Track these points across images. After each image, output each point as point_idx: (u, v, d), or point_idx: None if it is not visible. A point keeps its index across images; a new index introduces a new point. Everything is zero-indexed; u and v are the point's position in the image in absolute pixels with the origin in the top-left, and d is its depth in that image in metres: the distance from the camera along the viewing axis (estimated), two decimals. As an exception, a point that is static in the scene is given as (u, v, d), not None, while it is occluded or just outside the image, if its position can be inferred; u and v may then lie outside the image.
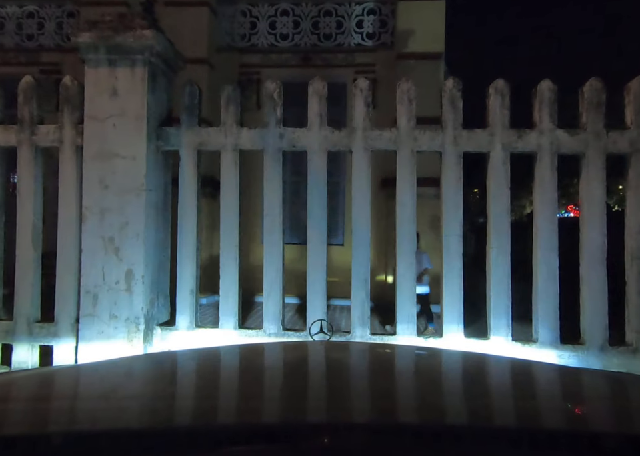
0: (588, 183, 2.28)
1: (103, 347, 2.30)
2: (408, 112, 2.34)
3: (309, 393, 0.89)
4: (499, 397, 0.92)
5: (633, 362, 2.24)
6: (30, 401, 0.85)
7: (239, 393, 0.91)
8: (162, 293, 2.51)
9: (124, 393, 0.91)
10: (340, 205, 6.55)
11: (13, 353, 2.47)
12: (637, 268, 2.25)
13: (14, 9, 6.85)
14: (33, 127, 2.46)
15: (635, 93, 2.26)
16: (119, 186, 2.31)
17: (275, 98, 2.40)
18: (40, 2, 6.82)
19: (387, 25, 6.63)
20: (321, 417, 0.75)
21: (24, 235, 2.46)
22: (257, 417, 0.76)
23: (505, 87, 2.31)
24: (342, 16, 6.69)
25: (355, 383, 0.97)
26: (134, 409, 0.80)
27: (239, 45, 6.76)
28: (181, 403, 0.84)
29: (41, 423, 0.73)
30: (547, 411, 0.82)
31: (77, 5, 6.64)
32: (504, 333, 2.28)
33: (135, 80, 2.32)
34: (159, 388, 0.93)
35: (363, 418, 0.77)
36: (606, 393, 0.99)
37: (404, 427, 0.71)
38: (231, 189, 2.39)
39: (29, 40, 6.89)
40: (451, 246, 2.30)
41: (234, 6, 6.76)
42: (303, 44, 6.71)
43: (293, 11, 6.73)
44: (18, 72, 6.64)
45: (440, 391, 0.94)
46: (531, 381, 1.06)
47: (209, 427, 0.70)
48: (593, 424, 0.78)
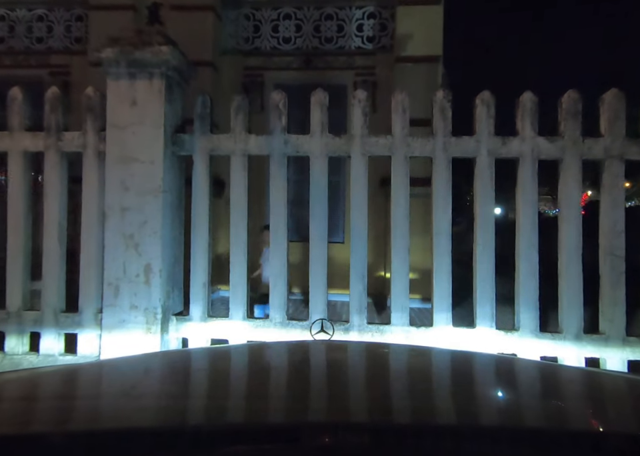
0: (565, 185, 2.52)
1: (124, 334, 2.55)
2: (402, 120, 2.58)
3: (309, 393, 0.90)
4: (499, 396, 0.93)
5: (605, 349, 2.48)
6: (24, 400, 0.87)
7: (238, 393, 0.92)
8: (177, 286, 2.75)
9: (123, 392, 0.91)
10: (340, 205, 6.79)
11: (40, 340, 2.72)
12: (610, 263, 2.49)
13: (24, 13, 7.09)
14: (58, 133, 2.71)
15: (609, 103, 2.50)
16: (138, 187, 2.56)
17: (280, 108, 2.64)
18: (49, 6, 7.05)
19: (387, 29, 6.85)
20: (321, 417, 0.75)
21: (50, 233, 2.71)
22: (258, 416, 0.77)
23: (490, 98, 2.55)
24: (343, 20, 6.91)
25: (355, 382, 0.98)
26: (135, 408, 0.81)
27: (242, 48, 6.99)
28: (181, 402, 0.84)
29: (40, 422, 0.74)
30: (546, 411, 0.82)
31: (86, 8, 6.88)
32: (489, 322, 2.52)
33: (152, 91, 2.57)
34: (159, 387, 0.94)
35: (364, 417, 0.77)
36: (606, 393, 0.99)
37: (404, 426, 0.72)
38: (240, 191, 2.64)
39: (38, 43, 7.12)
40: (441, 243, 2.55)
41: (238, 10, 6.99)
42: (305, 47, 6.93)
43: (295, 15, 6.96)
44: (29, 74, 6.93)
45: (440, 390, 0.96)
46: (531, 381, 1.07)
47: (209, 426, 0.70)
48: (593, 424, 0.78)
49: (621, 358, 2.47)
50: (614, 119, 2.48)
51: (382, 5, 6.83)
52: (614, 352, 2.47)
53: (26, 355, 2.72)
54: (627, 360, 2.48)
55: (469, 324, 2.62)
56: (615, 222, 2.48)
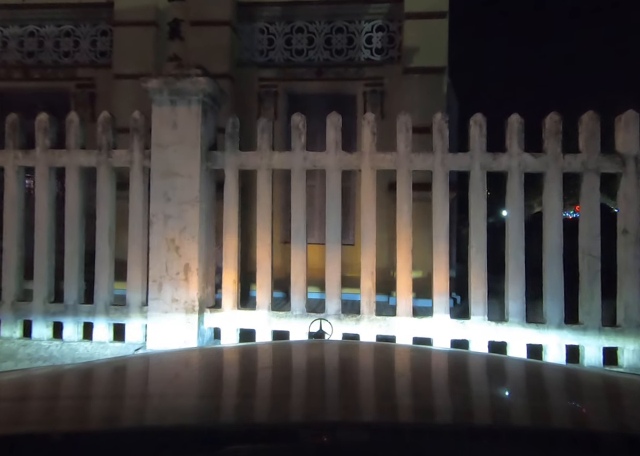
0: (548, 195, 2.92)
1: (166, 324, 3.00)
2: (405, 139, 3.00)
3: (309, 392, 0.92)
4: (499, 396, 0.95)
5: (583, 337, 2.88)
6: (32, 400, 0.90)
7: (238, 392, 0.93)
8: (210, 282, 3.19)
9: (122, 392, 0.93)
10: (351, 210, 7.20)
11: (93, 329, 3.18)
12: (587, 262, 2.89)
13: (52, 29, 7.60)
14: (109, 151, 3.16)
15: (586, 124, 2.90)
16: (179, 198, 3.01)
17: (299, 128, 3.07)
18: (76, 22, 7.56)
19: (395, 41, 7.26)
20: (321, 417, 0.76)
21: (102, 236, 3.17)
22: (257, 416, 0.79)
23: (482, 119, 2.96)
24: (352, 33, 7.33)
25: (355, 381, 1.00)
26: (136, 408, 0.82)
27: (257, 60, 7.44)
28: (181, 402, 0.86)
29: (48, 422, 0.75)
30: (547, 411, 0.84)
31: (110, 24, 7.37)
32: (481, 314, 2.93)
33: (191, 115, 3.01)
34: (160, 387, 0.97)
35: (364, 417, 0.78)
36: (605, 393, 1.01)
37: (404, 426, 0.72)
38: (265, 200, 3.08)
39: (65, 57, 7.63)
40: (440, 245, 2.96)
41: (253, 24, 7.44)
42: (317, 59, 7.36)
43: (307, 28, 7.39)
44: (57, 86, 7.45)
45: (440, 390, 0.97)
46: (531, 381, 1.09)
47: (209, 426, 0.71)
48: (592, 424, 0.79)
49: (597, 345, 2.86)
50: (590, 137, 2.88)
51: (390, 18, 7.24)
52: (591, 340, 2.86)
53: (81, 342, 3.18)
54: (602, 347, 2.87)
55: (465, 316, 3.03)
56: (591, 227, 2.88)
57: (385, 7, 7.18)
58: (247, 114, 6.95)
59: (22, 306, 3.21)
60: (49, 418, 0.77)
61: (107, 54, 7.49)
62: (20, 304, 3.21)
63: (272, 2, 7.29)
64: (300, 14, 7.31)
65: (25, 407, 0.84)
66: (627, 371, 2.80)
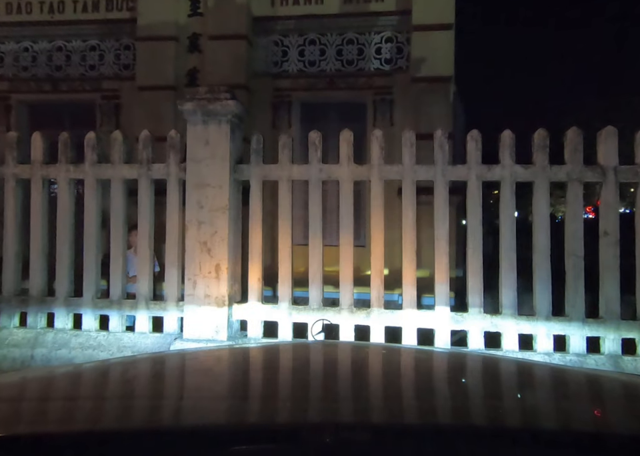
0: (537, 202, 3.34)
1: (200, 316, 3.47)
2: (410, 152, 3.44)
3: (309, 393, 0.94)
4: (498, 397, 0.97)
5: (569, 328, 3.29)
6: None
7: (238, 393, 0.95)
8: (237, 280, 3.67)
9: (122, 393, 0.96)
10: (362, 213, 7.64)
11: (135, 321, 3.66)
12: (572, 262, 3.30)
13: (79, 43, 8.17)
14: (148, 164, 3.65)
15: (570, 138, 3.31)
16: (211, 206, 3.48)
17: (316, 144, 3.53)
18: (101, 37, 8.12)
19: (403, 52, 7.70)
20: (321, 417, 0.78)
21: (143, 240, 3.65)
22: (258, 417, 0.81)
23: (477, 135, 3.39)
24: (362, 44, 7.79)
25: (355, 382, 1.02)
26: (137, 408, 0.85)
27: (272, 71, 7.93)
28: (181, 403, 0.89)
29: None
30: (546, 411, 0.86)
31: (133, 39, 7.92)
32: (478, 307, 3.35)
33: (221, 133, 3.49)
34: (163, 387, 0.98)
35: (364, 417, 0.80)
36: (605, 393, 1.03)
37: (404, 426, 0.74)
38: (286, 207, 3.54)
39: (91, 70, 8.19)
40: (441, 245, 3.40)
41: (268, 37, 7.93)
42: (329, 69, 7.83)
43: (319, 40, 7.87)
44: (83, 98, 8.01)
45: (439, 391, 0.99)
46: (530, 382, 1.11)
47: (211, 427, 0.73)
48: (592, 424, 0.81)
49: (581, 335, 3.27)
50: (574, 150, 3.30)
51: (398, 30, 7.68)
52: (576, 330, 3.28)
53: (125, 332, 3.67)
54: (585, 336, 3.28)
55: (464, 309, 3.46)
56: (575, 230, 3.29)
57: (394, 19, 7.63)
58: (262, 122, 7.45)
59: (73, 301, 3.71)
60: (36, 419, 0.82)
61: (130, 67, 8.04)
62: (71, 299, 3.71)
63: (286, 16, 7.79)
64: (312, 27, 7.79)
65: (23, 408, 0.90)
66: (607, 357, 3.21)
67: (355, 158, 3.52)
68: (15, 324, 3.76)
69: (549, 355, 3.25)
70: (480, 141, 3.39)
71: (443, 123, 6.95)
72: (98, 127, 7.92)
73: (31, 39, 8.24)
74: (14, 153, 3.75)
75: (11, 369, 3.54)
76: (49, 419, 0.83)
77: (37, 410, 0.88)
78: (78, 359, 3.53)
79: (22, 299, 3.75)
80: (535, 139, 3.35)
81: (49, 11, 8.15)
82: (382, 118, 7.64)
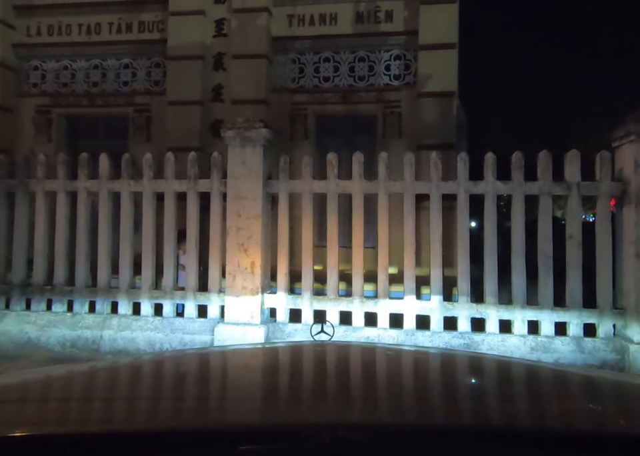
0: (514, 211, 4.16)
1: (238, 304, 4.34)
2: (410, 171, 4.28)
3: (310, 393, 0.98)
4: (498, 397, 1.00)
5: (540, 314, 4.09)
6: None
7: (239, 394, 0.98)
8: (268, 275, 4.53)
9: (120, 394, 1.00)
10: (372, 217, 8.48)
11: (185, 309, 4.55)
12: (543, 260, 4.11)
13: (113, 62, 9.13)
14: (195, 180, 4.53)
15: (541, 159, 4.12)
16: (247, 214, 4.35)
17: (333, 163, 4.38)
18: (133, 56, 9.06)
19: (410, 68, 8.52)
20: (321, 417, 0.80)
21: (191, 242, 4.54)
22: (259, 417, 0.84)
23: (465, 156, 4.22)
24: (373, 61, 8.63)
25: (355, 382, 1.06)
26: (137, 408, 0.88)
27: (290, 86, 8.80)
28: (181, 403, 0.92)
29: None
30: (547, 411, 0.89)
31: (163, 57, 8.85)
32: (465, 297, 4.18)
33: (255, 155, 4.36)
34: (162, 388, 1.02)
35: (364, 417, 0.82)
36: (604, 393, 1.06)
37: (404, 426, 0.76)
38: (308, 216, 4.40)
39: (124, 86, 9.14)
40: (435, 247, 4.23)
41: (286, 55, 8.81)
42: (342, 85, 8.68)
43: (333, 58, 8.72)
44: (117, 111, 8.97)
45: (439, 391, 1.03)
46: (530, 382, 1.13)
47: (211, 427, 0.75)
48: (591, 424, 0.84)
49: (550, 320, 4.08)
50: (544, 169, 4.11)
51: (406, 48, 8.51)
52: (545, 316, 4.08)
53: (175, 318, 4.56)
54: (554, 321, 4.08)
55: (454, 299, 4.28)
56: (545, 234, 4.10)
57: (402, 39, 8.47)
58: (281, 134, 8.33)
59: (133, 292, 4.61)
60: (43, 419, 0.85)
61: (160, 83, 8.98)
62: (132, 290, 4.61)
63: (303, 36, 8.67)
64: (327, 46, 8.67)
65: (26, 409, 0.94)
66: (571, 339, 4.01)
67: (366, 164, 4.37)
68: (85, 310, 4.67)
69: (524, 337, 4.06)
70: (467, 161, 4.22)
71: (446, 134, 7.83)
72: (130, 138, 8.88)
73: (70, 57, 9.22)
74: (85, 170, 4.66)
75: (84, 347, 4.46)
76: (56, 420, 0.89)
77: (52, 410, 0.94)
78: (139, 338, 4.43)
79: (91, 290, 4.65)
80: (512, 159, 4.17)
81: (87, 32, 9.14)
82: (391, 129, 8.46)
